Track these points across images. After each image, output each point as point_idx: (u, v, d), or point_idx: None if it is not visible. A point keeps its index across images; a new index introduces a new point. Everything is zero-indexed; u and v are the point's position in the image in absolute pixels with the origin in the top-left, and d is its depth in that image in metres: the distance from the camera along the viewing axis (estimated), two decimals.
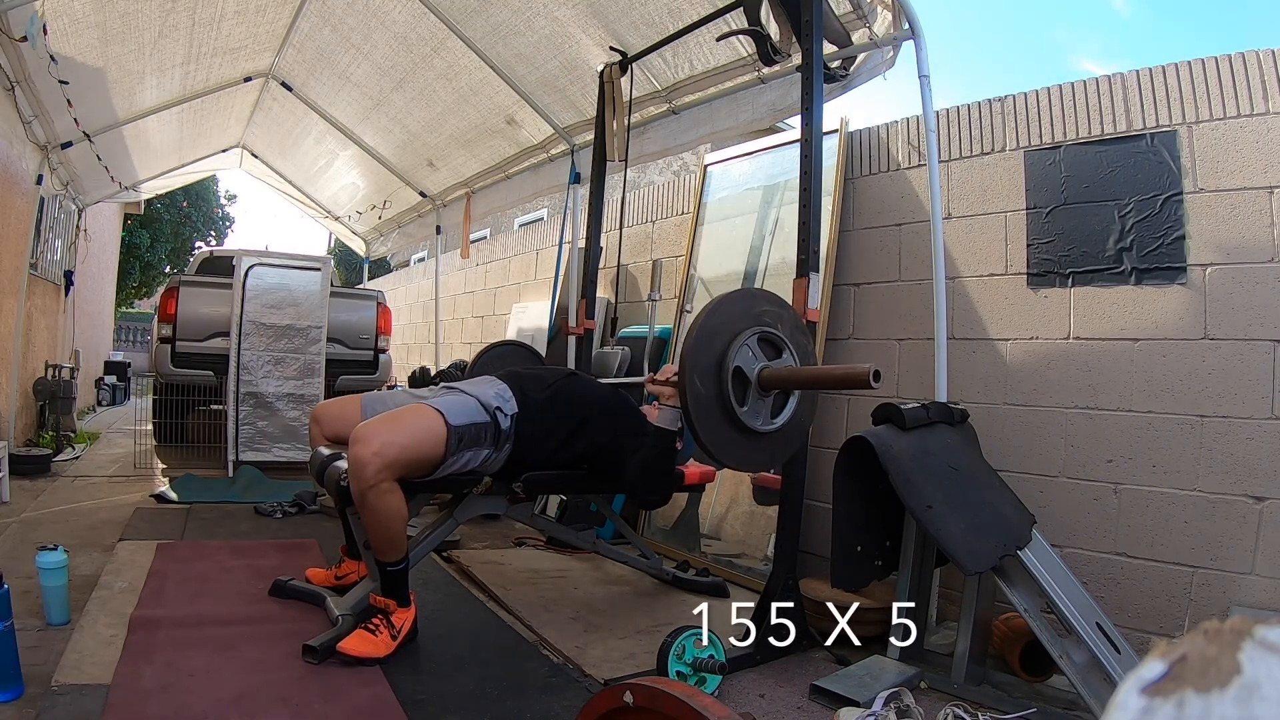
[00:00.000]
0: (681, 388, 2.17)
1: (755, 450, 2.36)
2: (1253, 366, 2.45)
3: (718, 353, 2.21)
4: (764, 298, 2.42)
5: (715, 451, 2.26)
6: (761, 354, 2.29)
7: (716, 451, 2.26)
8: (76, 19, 4.02)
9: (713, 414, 2.21)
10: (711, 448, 2.24)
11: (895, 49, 3.24)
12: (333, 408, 2.95)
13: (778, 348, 2.32)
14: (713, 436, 2.22)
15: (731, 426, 2.24)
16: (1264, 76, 2.50)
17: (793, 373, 2.28)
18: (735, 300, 2.32)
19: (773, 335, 2.31)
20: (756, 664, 2.58)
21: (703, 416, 2.19)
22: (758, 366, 2.26)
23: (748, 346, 2.24)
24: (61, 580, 2.52)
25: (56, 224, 7.00)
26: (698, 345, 2.17)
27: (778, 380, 2.26)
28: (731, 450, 2.30)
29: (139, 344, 16.77)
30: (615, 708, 1.21)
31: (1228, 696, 0.31)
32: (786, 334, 2.35)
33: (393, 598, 2.50)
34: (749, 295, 2.36)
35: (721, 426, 2.23)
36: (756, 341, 2.27)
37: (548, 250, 6.55)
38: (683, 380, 2.16)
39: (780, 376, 2.26)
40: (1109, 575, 2.68)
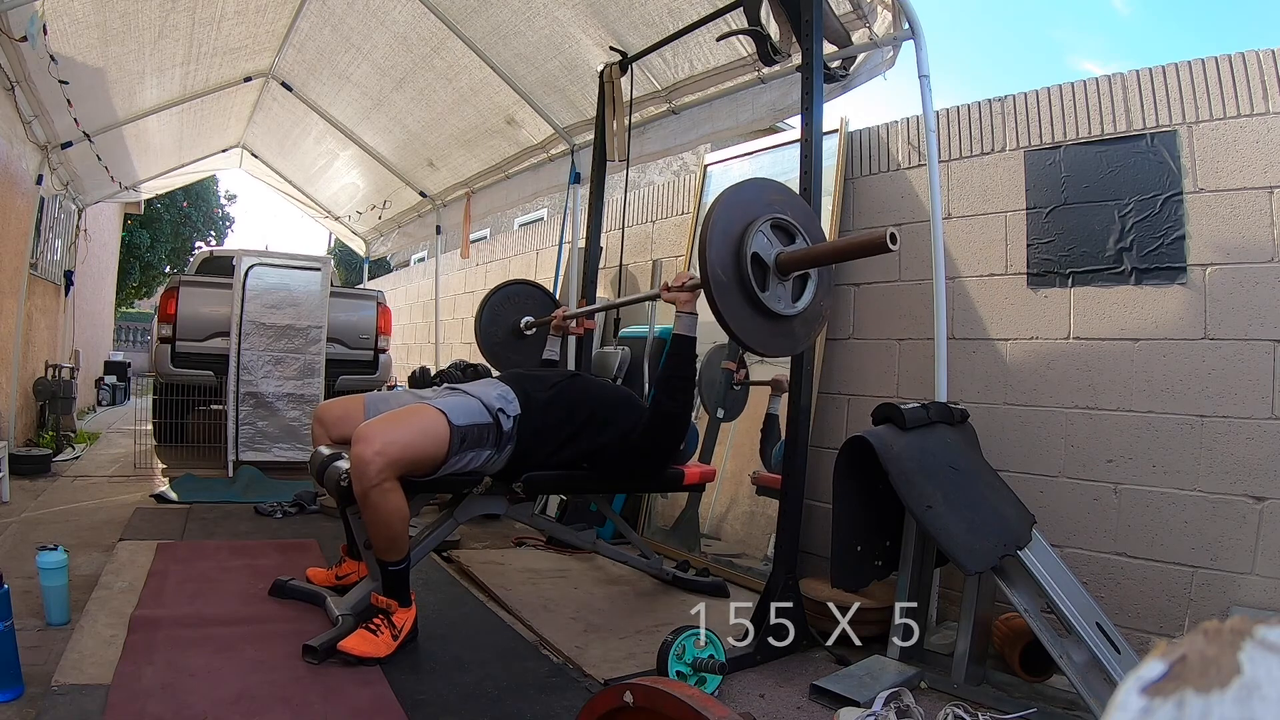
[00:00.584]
0: (704, 277, 2.16)
1: (779, 334, 2.34)
2: (1253, 366, 2.45)
3: (735, 240, 2.20)
4: (773, 186, 2.42)
5: (742, 336, 2.25)
6: (776, 240, 2.29)
7: (743, 336, 2.25)
8: (76, 19, 4.02)
9: (736, 299, 2.21)
10: (738, 333, 2.23)
11: (895, 49, 3.24)
12: (336, 408, 2.95)
13: (790, 233, 2.32)
14: (738, 322, 2.22)
15: (755, 311, 2.24)
16: (1264, 76, 2.49)
17: (809, 251, 2.28)
18: (746, 189, 2.31)
19: (785, 221, 2.30)
20: (756, 664, 2.58)
21: (727, 303, 2.18)
22: (774, 251, 2.26)
23: (762, 233, 2.24)
24: (61, 580, 2.52)
25: (56, 224, 7.00)
26: (714, 235, 2.17)
27: (795, 261, 2.25)
28: (757, 335, 2.29)
29: (139, 344, 16.76)
30: (615, 708, 1.21)
31: (1228, 696, 0.31)
32: (798, 219, 2.35)
33: (394, 598, 2.50)
34: (759, 184, 2.36)
35: (745, 311, 2.22)
36: (770, 228, 2.27)
37: (548, 250, 6.55)
38: (704, 270, 2.16)
39: (797, 257, 2.25)
40: (1109, 575, 2.68)
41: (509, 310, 3.88)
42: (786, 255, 2.25)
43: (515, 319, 3.87)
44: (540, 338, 3.79)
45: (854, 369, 3.52)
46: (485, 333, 3.83)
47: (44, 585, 2.50)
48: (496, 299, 3.88)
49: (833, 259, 2.36)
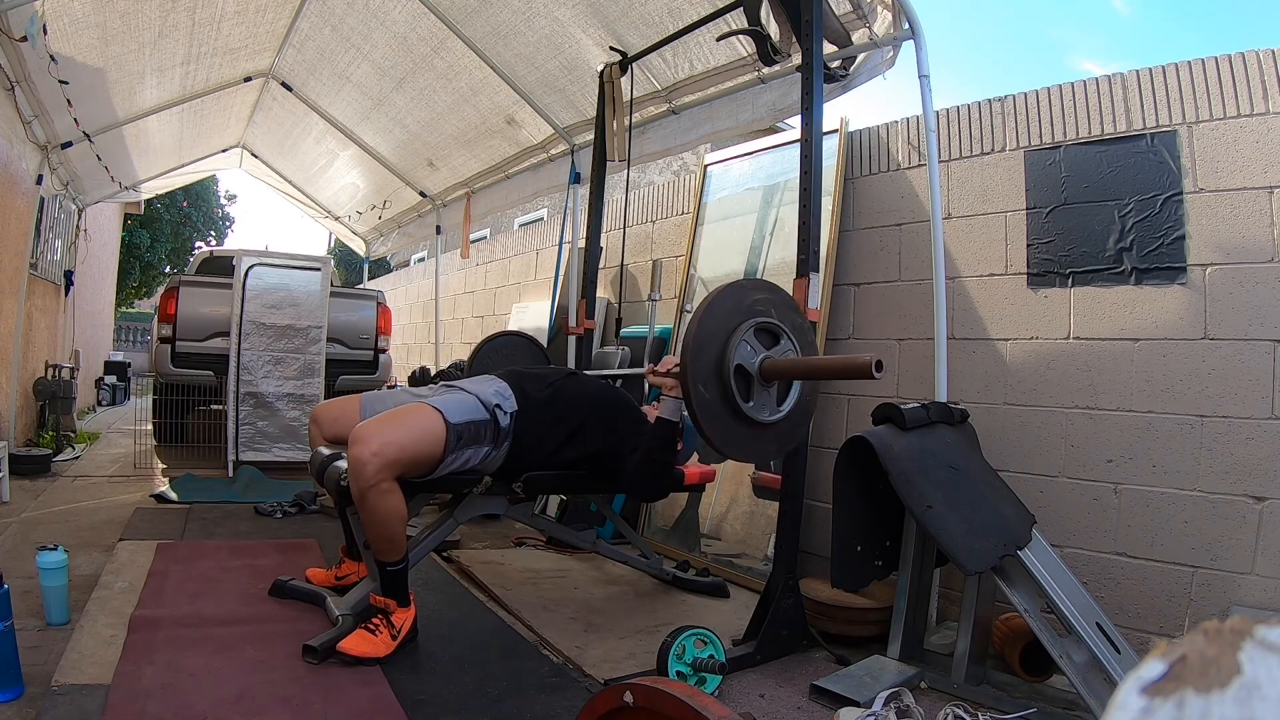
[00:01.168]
0: (686, 395, 2.17)
1: (764, 441, 2.36)
2: (1253, 366, 2.45)
3: (716, 353, 2.20)
4: (753, 287, 2.40)
5: (726, 450, 2.28)
6: (760, 344, 2.28)
7: (727, 450, 2.28)
8: (76, 19, 4.02)
9: (721, 415, 2.22)
10: (722, 447, 2.25)
11: (895, 49, 3.24)
12: (332, 409, 2.95)
13: (775, 334, 2.32)
14: (723, 436, 2.23)
15: (739, 422, 2.25)
16: (1264, 76, 2.49)
17: (794, 364, 2.28)
18: (726, 296, 2.29)
19: (768, 324, 2.30)
20: (756, 664, 2.59)
21: (711, 420, 2.19)
22: (758, 359, 2.25)
23: (745, 341, 2.24)
24: (62, 580, 2.52)
25: (56, 224, 7.00)
26: (696, 350, 2.17)
27: (779, 371, 2.26)
28: (742, 445, 2.31)
29: (139, 344, 16.76)
30: (615, 707, 1.21)
31: (1228, 696, 0.31)
32: (781, 318, 2.35)
33: (393, 598, 2.50)
34: (739, 288, 2.35)
35: (730, 425, 2.24)
36: (753, 333, 2.26)
37: (548, 250, 6.56)
38: (686, 388, 2.16)
39: (782, 368, 2.25)
40: (1109, 575, 2.68)
41: (500, 361, 3.80)
42: (771, 365, 2.25)
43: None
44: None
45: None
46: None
47: (44, 585, 2.50)
48: (487, 350, 3.79)
49: (814, 376, 2.39)
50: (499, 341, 3.90)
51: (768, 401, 2.30)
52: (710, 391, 2.19)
